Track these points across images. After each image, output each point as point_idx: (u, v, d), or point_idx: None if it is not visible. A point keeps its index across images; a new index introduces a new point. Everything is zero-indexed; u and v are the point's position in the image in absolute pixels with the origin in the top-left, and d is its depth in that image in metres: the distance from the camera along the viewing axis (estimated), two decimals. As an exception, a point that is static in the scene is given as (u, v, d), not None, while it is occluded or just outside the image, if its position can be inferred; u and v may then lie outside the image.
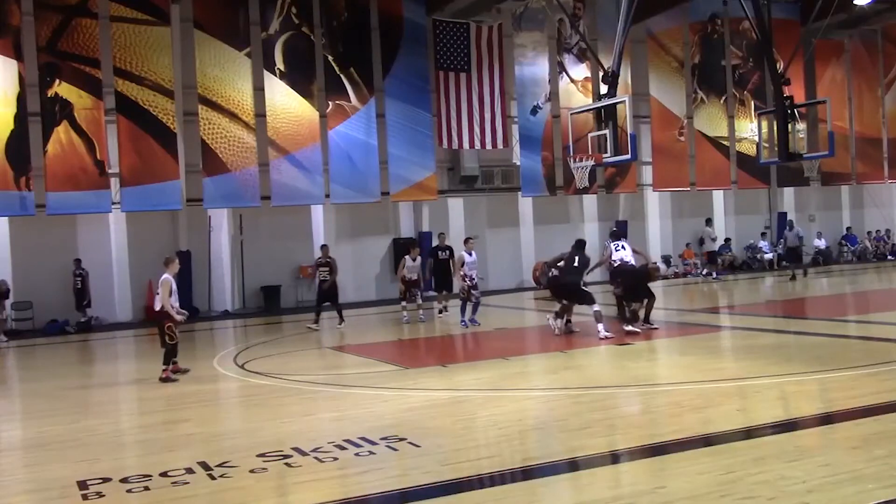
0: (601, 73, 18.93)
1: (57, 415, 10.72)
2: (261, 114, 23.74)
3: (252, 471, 7.29)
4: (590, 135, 18.78)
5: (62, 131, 21.61)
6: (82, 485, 7.09)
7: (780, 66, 22.00)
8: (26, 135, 21.28)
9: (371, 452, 7.72)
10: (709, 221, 29.25)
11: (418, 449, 7.77)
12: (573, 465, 7.16)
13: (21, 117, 21.25)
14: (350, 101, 24.86)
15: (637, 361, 12.71)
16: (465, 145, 26.52)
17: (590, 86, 27.82)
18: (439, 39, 25.93)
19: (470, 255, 18.20)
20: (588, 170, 18.75)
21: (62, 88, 21.71)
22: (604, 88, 18.84)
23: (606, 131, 17.84)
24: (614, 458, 7.47)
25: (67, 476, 7.42)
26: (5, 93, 21.18)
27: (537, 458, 7.63)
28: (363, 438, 8.15)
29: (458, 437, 8.24)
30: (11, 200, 21.11)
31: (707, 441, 7.62)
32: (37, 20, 21.59)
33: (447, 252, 20.14)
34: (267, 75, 23.95)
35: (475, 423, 8.93)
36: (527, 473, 7.00)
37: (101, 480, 7.20)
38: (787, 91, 20.96)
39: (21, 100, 21.30)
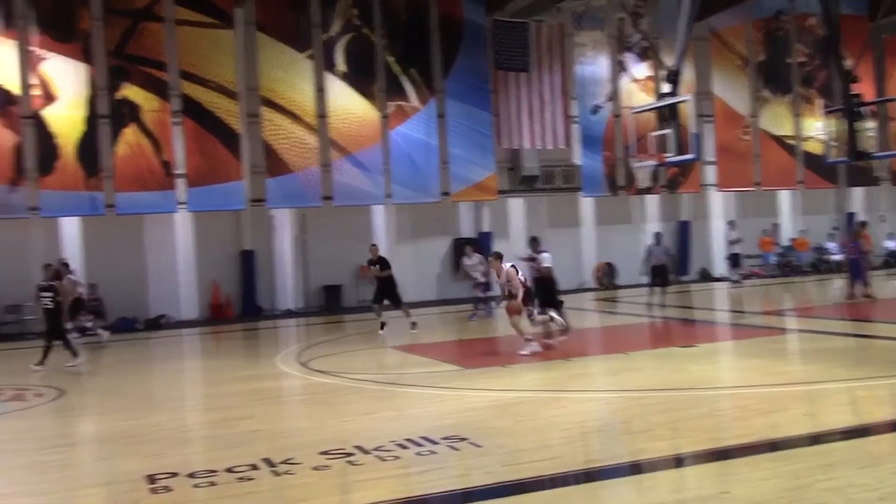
0: (663, 72, 18.73)
1: (126, 410, 10.98)
2: (322, 115, 23.99)
3: (315, 468, 7.37)
4: (652, 134, 18.59)
5: (130, 133, 22.15)
6: (150, 479, 7.24)
7: (849, 63, 21.49)
8: (96, 137, 21.85)
9: (432, 452, 7.74)
10: (732, 224, 28.21)
11: (479, 449, 7.77)
12: (636, 468, 7.10)
13: (91, 119, 21.83)
14: (411, 102, 24.98)
15: (699, 364, 12.53)
16: (526, 145, 26.45)
17: (651, 84, 27.52)
18: (499, 39, 25.88)
19: (469, 258, 20.42)
20: (650, 170, 18.60)
21: (130, 91, 22.25)
22: (666, 87, 18.64)
23: (669, 130, 17.65)
24: (678, 461, 7.37)
25: (136, 470, 7.59)
26: (77, 95, 21.77)
27: (599, 460, 7.58)
28: (424, 438, 8.17)
29: (519, 438, 8.22)
30: (83, 201, 21.70)
31: (773, 446, 7.48)
32: (106, 25, 22.14)
33: (377, 266, 18.89)
34: (328, 76, 24.19)
35: (536, 424, 8.89)
36: (589, 476, 6.95)
37: (168, 475, 7.34)
38: (855, 89, 20.47)
39: (91, 102, 21.87)
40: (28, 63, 21.47)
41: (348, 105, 24.33)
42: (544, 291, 15.13)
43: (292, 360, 14.72)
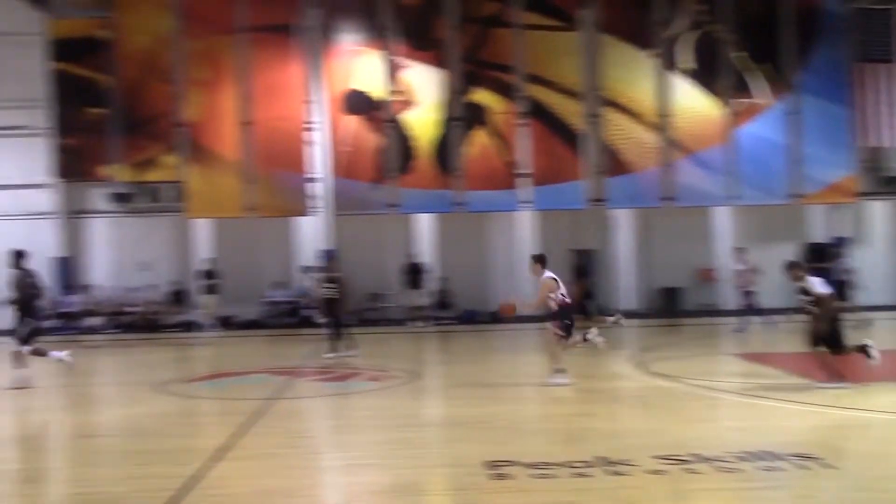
0: None
1: (469, 397, 11.57)
2: (664, 114, 23.62)
3: (651, 471, 7.25)
4: None
5: (479, 134, 23.36)
6: (490, 465, 7.53)
7: None
8: (449, 138, 23.31)
9: (778, 468, 7.28)
10: None
11: (833, 471, 7.17)
12: None
13: (446, 122, 23.34)
14: (759, 99, 23.80)
15: None
16: (891, 143, 24.11)
17: None
18: (860, 28, 23.83)
19: (740, 264, 19.20)
20: None
21: (480, 95, 23.49)
22: None
23: None
24: None
25: (477, 455, 7.93)
26: (433, 100, 23.40)
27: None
28: (769, 452, 7.72)
29: (880, 463, 7.48)
30: (436, 198, 23.29)
31: None
32: (460, 32, 23.51)
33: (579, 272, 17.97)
34: (672, 75, 23.75)
35: (900, 451, 8.06)
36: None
37: (507, 463, 7.58)
38: None
39: (445, 106, 23.38)
40: (391, 71, 23.43)
41: (692, 103, 23.75)
42: (832, 330, 11.32)
43: (629, 361, 14.65)
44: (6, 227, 23.95)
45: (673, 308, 24.45)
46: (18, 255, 13.07)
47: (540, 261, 12.30)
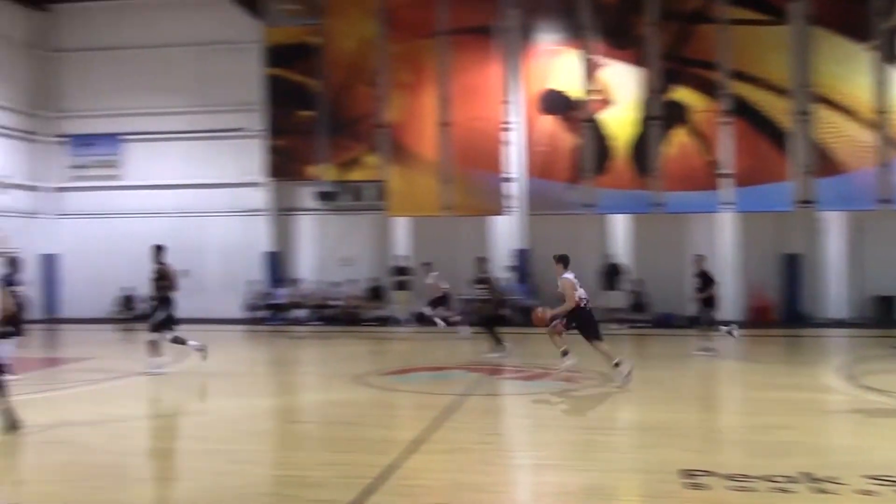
0: None
1: (664, 402, 11.31)
2: (883, 110, 22.08)
3: (860, 491, 6.82)
4: None
5: (679, 133, 22.73)
6: (686, 473, 7.33)
7: None
8: (647, 138, 22.84)
9: None
10: None
11: None
12: None
13: (644, 121, 22.89)
14: None
15: None
16: None
17: None
18: None
19: None
20: None
21: (680, 92, 22.85)
22: None
23: None
24: None
25: (671, 462, 7.75)
26: (631, 99, 23.03)
27: None
28: None
29: None
30: (632, 199, 22.88)
31: None
32: (660, 29, 22.98)
33: (699, 279, 16.60)
34: (891, 68, 22.16)
35: None
36: None
37: (703, 472, 7.35)
38: None
39: (644, 105, 22.94)
40: (589, 70, 23.25)
41: (914, 99, 22.07)
42: None
43: (838, 373, 13.81)
44: (224, 222, 25.86)
45: (888, 318, 22.82)
46: (158, 250, 13.97)
47: (562, 261, 12.75)
